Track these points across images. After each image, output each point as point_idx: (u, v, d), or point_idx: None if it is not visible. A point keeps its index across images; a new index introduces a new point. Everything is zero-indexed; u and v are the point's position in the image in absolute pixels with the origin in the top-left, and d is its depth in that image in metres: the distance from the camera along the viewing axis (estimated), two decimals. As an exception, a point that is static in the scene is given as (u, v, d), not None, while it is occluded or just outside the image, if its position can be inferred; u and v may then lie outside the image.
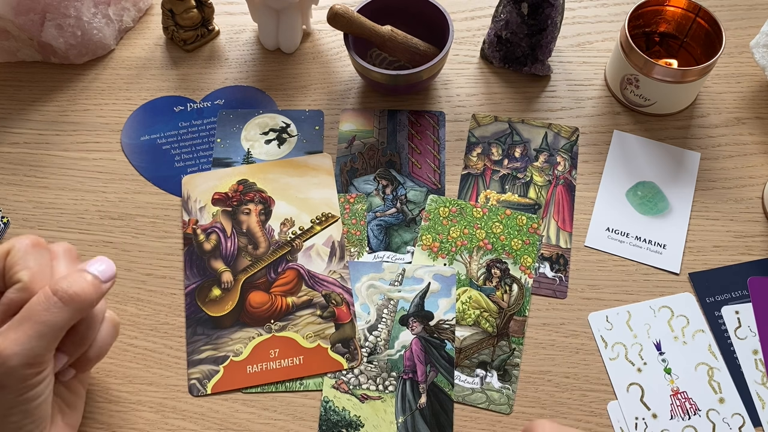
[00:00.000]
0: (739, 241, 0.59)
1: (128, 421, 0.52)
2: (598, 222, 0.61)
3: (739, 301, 0.57)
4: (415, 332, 0.55)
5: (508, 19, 0.64)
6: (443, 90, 0.68)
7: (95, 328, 0.45)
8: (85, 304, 0.42)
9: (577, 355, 0.55)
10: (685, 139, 0.65)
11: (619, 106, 0.67)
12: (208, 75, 0.69)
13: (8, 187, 0.63)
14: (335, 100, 0.67)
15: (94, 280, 0.43)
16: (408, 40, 0.64)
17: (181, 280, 0.58)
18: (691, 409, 0.53)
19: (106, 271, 0.44)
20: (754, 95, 0.67)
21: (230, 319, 0.56)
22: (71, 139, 0.65)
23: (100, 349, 0.47)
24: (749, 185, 0.62)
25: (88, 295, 0.42)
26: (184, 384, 0.54)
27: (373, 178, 0.63)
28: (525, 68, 0.67)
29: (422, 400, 0.53)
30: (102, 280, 0.44)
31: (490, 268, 0.58)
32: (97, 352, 0.46)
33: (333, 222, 0.60)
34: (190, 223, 0.60)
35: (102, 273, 0.44)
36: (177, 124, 0.66)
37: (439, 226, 0.60)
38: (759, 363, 0.54)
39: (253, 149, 0.64)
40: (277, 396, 0.54)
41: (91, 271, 0.44)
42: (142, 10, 0.72)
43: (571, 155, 0.64)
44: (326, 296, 0.57)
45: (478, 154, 0.64)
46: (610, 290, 0.58)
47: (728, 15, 0.71)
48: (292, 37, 0.69)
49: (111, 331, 0.47)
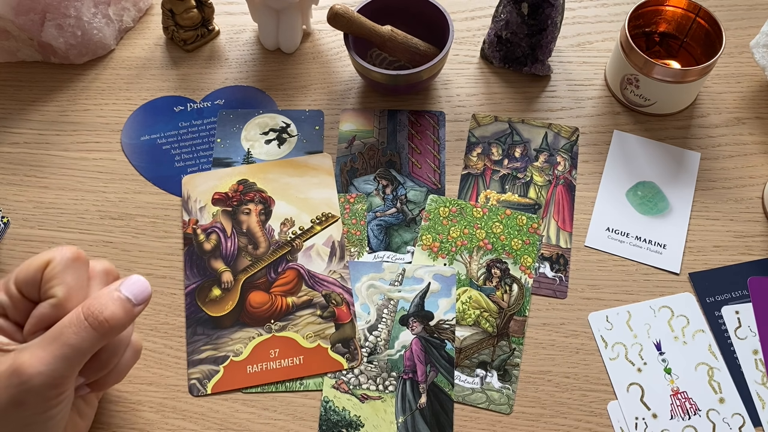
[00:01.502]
0: (739, 241, 0.59)
1: (128, 421, 0.52)
2: (598, 222, 0.61)
3: (739, 301, 0.57)
4: (415, 332, 0.55)
5: (508, 19, 0.64)
6: (443, 90, 0.68)
7: (119, 354, 0.45)
8: (116, 330, 0.41)
9: (577, 355, 0.55)
10: (685, 139, 0.65)
11: (619, 106, 0.67)
12: (208, 75, 0.69)
13: (8, 187, 0.63)
14: (335, 100, 0.67)
15: (126, 303, 0.42)
16: (408, 40, 0.64)
17: (181, 280, 0.58)
18: (691, 409, 0.53)
19: (140, 293, 0.43)
20: (754, 95, 0.67)
21: (230, 319, 0.56)
22: (71, 139, 0.65)
23: (119, 374, 0.46)
24: (749, 185, 0.62)
25: (118, 321, 0.41)
26: (184, 384, 0.54)
27: (373, 178, 0.63)
28: (525, 68, 0.68)
29: (422, 400, 0.53)
30: (134, 304, 0.42)
31: (490, 268, 0.58)
32: (116, 377, 0.46)
33: (333, 222, 0.60)
34: (190, 223, 0.61)
35: (136, 296, 0.43)
36: (177, 124, 0.66)
37: (439, 226, 0.60)
38: (759, 363, 0.54)
39: (253, 149, 0.64)
40: (277, 396, 0.54)
41: (124, 292, 0.42)
42: (142, 10, 0.73)
43: (571, 155, 0.64)
44: (326, 296, 0.57)
45: (478, 154, 0.64)
46: (610, 290, 0.58)
47: (728, 15, 0.71)
48: (292, 37, 0.69)
49: (132, 357, 0.47)
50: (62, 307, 0.42)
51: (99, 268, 0.45)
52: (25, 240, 0.60)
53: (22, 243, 0.60)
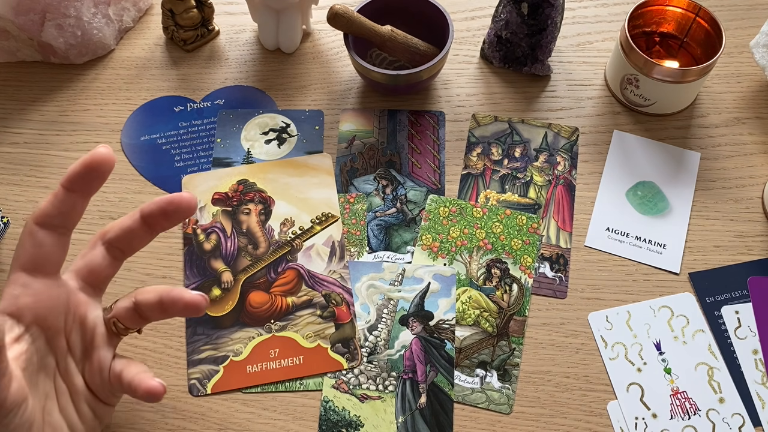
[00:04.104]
0: (739, 241, 0.59)
1: (128, 421, 0.52)
2: (598, 222, 0.61)
3: (739, 301, 0.57)
4: (415, 332, 0.55)
5: (508, 19, 0.64)
6: (443, 90, 0.68)
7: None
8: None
9: (577, 355, 0.55)
10: (685, 139, 0.65)
11: (619, 106, 0.67)
12: (208, 75, 0.69)
13: (8, 187, 0.63)
14: (335, 100, 0.67)
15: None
16: (408, 40, 0.64)
17: (181, 280, 0.58)
18: (691, 409, 0.53)
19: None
20: (754, 95, 0.67)
21: (230, 319, 0.56)
22: (71, 139, 0.65)
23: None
24: (749, 185, 0.62)
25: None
26: (184, 384, 0.54)
27: (373, 178, 0.63)
28: (525, 68, 0.68)
29: (422, 399, 0.53)
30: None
31: (490, 268, 0.58)
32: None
33: (333, 222, 0.60)
34: (190, 222, 0.61)
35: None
36: (177, 124, 0.66)
37: (439, 226, 0.60)
38: (759, 363, 0.54)
39: (253, 149, 0.64)
40: (277, 396, 0.54)
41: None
42: (142, 10, 0.73)
43: (571, 155, 0.64)
44: (326, 296, 0.57)
45: (478, 154, 0.64)
46: (610, 290, 0.58)
47: (728, 15, 0.71)
48: (292, 37, 0.69)
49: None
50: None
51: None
52: (25, 240, 0.60)
53: (22, 243, 0.60)
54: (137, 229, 0.45)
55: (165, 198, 0.44)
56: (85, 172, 0.42)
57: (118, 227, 0.45)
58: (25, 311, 0.42)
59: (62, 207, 0.42)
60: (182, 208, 0.44)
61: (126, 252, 0.46)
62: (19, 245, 0.43)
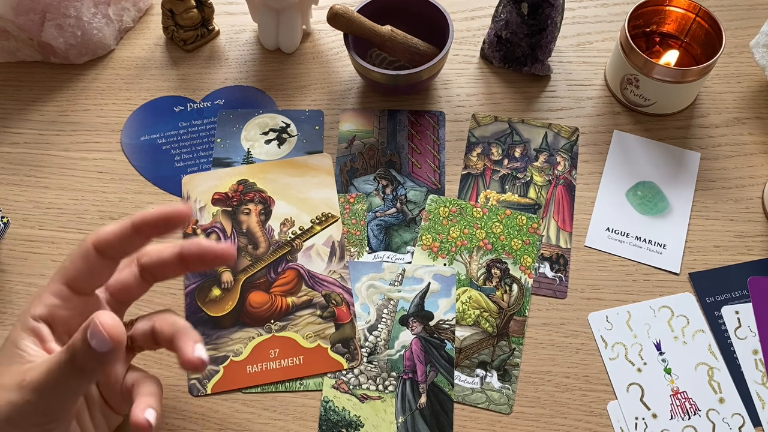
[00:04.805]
0: (739, 241, 0.59)
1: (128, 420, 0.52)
2: (598, 222, 0.61)
3: (739, 301, 0.57)
4: (415, 332, 0.55)
5: (508, 19, 0.64)
6: (443, 90, 0.68)
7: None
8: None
9: (577, 355, 0.55)
10: (685, 139, 0.65)
11: (619, 106, 0.67)
12: (208, 75, 0.69)
13: (8, 187, 0.63)
14: (335, 100, 0.67)
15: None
16: (408, 40, 0.64)
17: (181, 280, 0.58)
18: (691, 409, 0.53)
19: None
20: (754, 95, 0.67)
21: (230, 319, 0.56)
22: (71, 139, 0.65)
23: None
24: (749, 185, 0.62)
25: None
26: (184, 384, 0.54)
27: (373, 178, 0.63)
28: (525, 68, 0.68)
29: (422, 400, 0.53)
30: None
31: (490, 268, 0.58)
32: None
33: (333, 222, 0.60)
34: (190, 223, 0.60)
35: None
36: (177, 124, 0.66)
37: (439, 226, 0.60)
38: (759, 363, 0.54)
39: (253, 149, 0.64)
40: (277, 396, 0.54)
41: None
42: (142, 10, 0.73)
43: (571, 155, 0.64)
44: (326, 296, 0.57)
45: (478, 154, 0.64)
46: (610, 290, 0.58)
47: (728, 15, 0.71)
48: (292, 37, 0.69)
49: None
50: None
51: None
52: (25, 240, 0.60)
53: (22, 243, 0.60)
54: (172, 263, 0.46)
55: (209, 244, 0.44)
56: (160, 223, 0.42)
57: (156, 256, 0.46)
58: (59, 322, 0.43)
59: (124, 242, 0.43)
60: (223, 256, 0.45)
61: (158, 279, 0.47)
62: (71, 260, 0.43)
